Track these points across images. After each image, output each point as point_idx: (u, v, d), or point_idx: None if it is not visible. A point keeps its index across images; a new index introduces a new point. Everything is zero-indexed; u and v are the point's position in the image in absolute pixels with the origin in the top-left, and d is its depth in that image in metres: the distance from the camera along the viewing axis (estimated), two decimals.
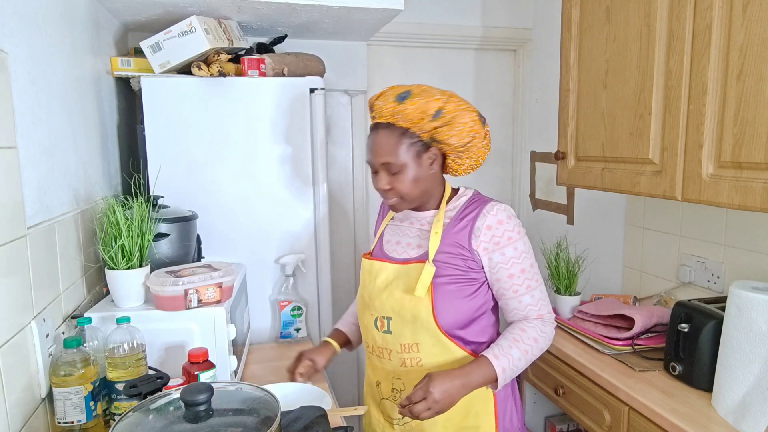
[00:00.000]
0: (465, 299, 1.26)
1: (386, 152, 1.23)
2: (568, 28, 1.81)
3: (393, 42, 2.54)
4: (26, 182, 1.09)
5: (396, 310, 1.27)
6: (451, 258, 1.25)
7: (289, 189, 1.87)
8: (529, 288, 1.26)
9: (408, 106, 1.20)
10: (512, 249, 1.24)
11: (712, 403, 1.31)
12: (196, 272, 1.35)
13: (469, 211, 1.27)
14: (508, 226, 1.24)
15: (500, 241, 1.23)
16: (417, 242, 1.32)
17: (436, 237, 1.27)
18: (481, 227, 1.24)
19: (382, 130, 1.24)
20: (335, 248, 2.47)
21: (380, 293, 1.30)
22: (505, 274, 1.25)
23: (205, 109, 1.77)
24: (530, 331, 1.24)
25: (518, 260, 1.24)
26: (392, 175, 1.24)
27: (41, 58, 1.21)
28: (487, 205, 1.26)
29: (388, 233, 1.40)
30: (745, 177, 1.22)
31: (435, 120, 1.20)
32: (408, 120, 1.21)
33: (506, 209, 1.26)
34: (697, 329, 1.38)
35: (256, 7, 1.75)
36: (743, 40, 1.20)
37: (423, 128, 1.22)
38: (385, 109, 1.22)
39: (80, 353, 1.13)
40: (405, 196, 1.26)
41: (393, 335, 1.29)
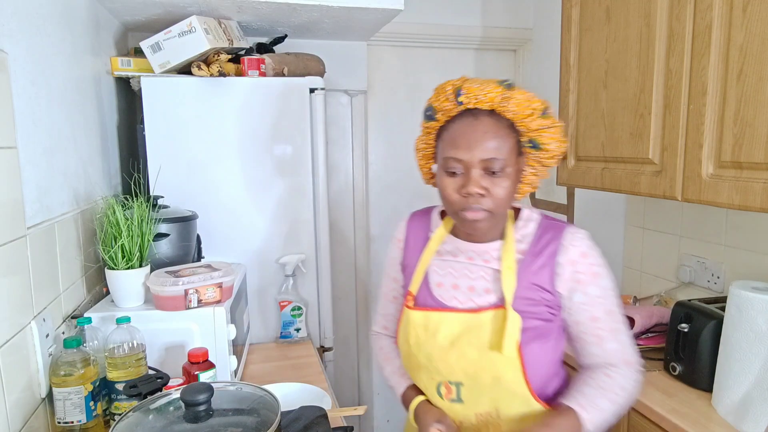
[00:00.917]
0: (550, 349, 1.04)
1: (494, 145, 0.96)
2: (568, 28, 1.81)
3: (393, 42, 2.54)
4: (26, 182, 1.09)
5: (470, 374, 1.02)
6: (532, 304, 1.01)
7: (289, 189, 1.87)
8: (614, 332, 1.04)
9: (517, 94, 0.97)
10: (597, 287, 1.02)
11: (712, 403, 1.30)
12: (196, 272, 1.35)
13: (544, 243, 1.03)
14: (592, 258, 1.03)
15: (583, 279, 1.02)
16: (484, 284, 1.04)
17: (510, 275, 1.01)
18: (564, 263, 1.02)
19: (486, 118, 0.97)
20: (335, 248, 2.47)
21: (445, 353, 1.02)
22: (586, 316, 1.03)
23: (205, 109, 1.77)
24: (617, 377, 1.03)
25: (603, 299, 1.03)
26: (491, 176, 0.97)
27: (41, 58, 1.21)
28: (565, 233, 1.03)
29: (435, 273, 1.09)
30: (745, 177, 1.22)
31: (544, 117, 0.99)
32: (515, 112, 0.98)
33: (586, 237, 1.05)
34: (697, 329, 1.38)
35: (256, 7, 1.75)
36: (743, 40, 1.20)
37: (529, 126, 0.99)
38: (487, 93, 0.97)
39: (80, 353, 1.13)
40: (496, 207, 0.98)
41: (465, 404, 1.04)
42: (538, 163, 1.05)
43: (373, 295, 2.66)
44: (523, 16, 2.64)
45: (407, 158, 2.62)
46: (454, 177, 0.99)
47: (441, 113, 1.02)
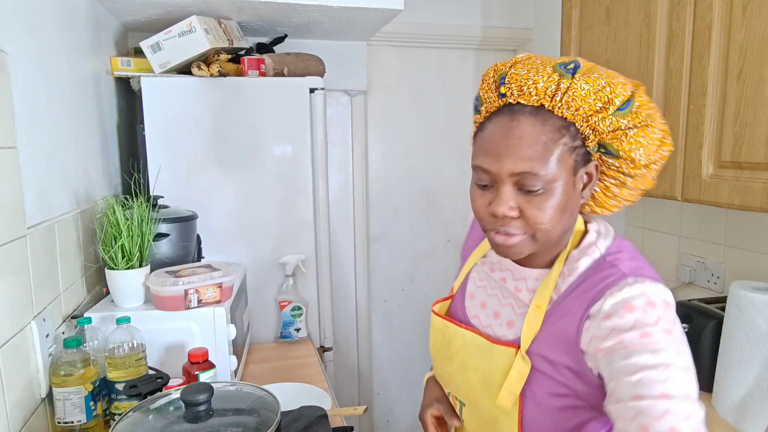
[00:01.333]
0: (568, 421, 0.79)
1: (530, 155, 0.73)
2: (568, 28, 1.81)
3: (393, 42, 2.54)
4: (26, 182, 1.09)
5: (471, 400, 0.88)
6: (550, 359, 0.78)
7: (289, 189, 1.87)
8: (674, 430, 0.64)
9: (579, 84, 0.73)
10: (649, 353, 0.68)
11: (712, 403, 1.31)
12: (196, 272, 1.35)
13: (589, 286, 0.76)
14: (644, 315, 0.71)
15: (625, 338, 0.70)
16: (509, 316, 0.85)
17: (537, 315, 0.79)
18: (596, 315, 0.74)
19: (526, 118, 0.75)
20: (335, 248, 2.47)
21: (453, 369, 0.91)
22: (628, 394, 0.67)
23: (205, 109, 1.77)
24: None
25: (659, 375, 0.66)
26: (526, 194, 0.75)
27: (41, 58, 1.21)
28: (617, 276, 0.74)
29: (473, 282, 0.95)
30: (745, 177, 1.22)
31: (621, 115, 0.74)
32: (575, 107, 0.74)
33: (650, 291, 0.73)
34: (697, 329, 1.38)
35: (256, 7, 1.75)
36: (743, 40, 1.20)
37: (597, 126, 0.75)
38: (535, 81, 0.74)
39: (80, 353, 1.13)
40: (540, 233, 0.76)
41: (465, 425, 0.93)
42: (621, 174, 0.79)
43: (373, 295, 2.66)
44: (523, 16, 2.64)
45: (407, 158, 2.62)
46: (484, 190, 0.79)
47: (485, 105, 0.82)
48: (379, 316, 2.68)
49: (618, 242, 0.82)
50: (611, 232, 0.84)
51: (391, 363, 2.70)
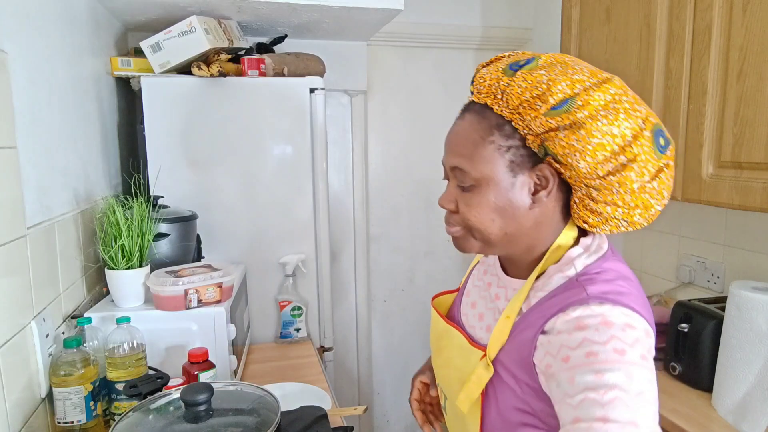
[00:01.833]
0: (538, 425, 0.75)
1: (460, 152, 0.76)
2: (568, 28, 1.81)
3: (393, 42, 2.54)
4: (26, 182, 1.09)
5: (450, 395, 0.86)
6: (513, 366, 0.75)
7: (289, 189, 1.87)
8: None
9: (520, 79, 0.71)
10: (592, 376, 0.62)
11: (712, 403, 1.31)
12: (196, 272, 1.35)
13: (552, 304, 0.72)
14: (596, 334, 0.65)
15: (571, 356, 0.65)
16: (489, 320, 0.84)
17: (506, 324, 0.77)
18: (550, 330, 0.70)
19: (471, 115, 0.77)
20: (335, 248, 2.47)
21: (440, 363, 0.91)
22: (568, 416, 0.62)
23: (205, 109, 1.77)
24: None
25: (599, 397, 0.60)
26: (461, 189, 0.77)
27: (41, 58, 1.21)
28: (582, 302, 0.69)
29: (472, 281, 0.95)
30: (745, 177, 1.22)
31: (554, 113, 0.68)
32: (513, 105, 0.72)
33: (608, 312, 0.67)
34: (697, 329, 1.38)
35: (256, 7, 1.75)
36: (743, 40, 1.20)
37: (532, 125, 0.71)
38: (486, 79, 0.75)
39: (80, 353, 1.13)
40: (475, 230, 0.77)
41: (447, 418, 0.92)
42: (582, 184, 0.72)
43: (373, 295, 2.66)
44: (523, 16, 2.64)
45: (407, 158, 2.62)
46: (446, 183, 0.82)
47: None
48: (378, 316, 2.68)
49: (602, 263, 0.75)
50: (602, 251, 0.77)
51: (391, 363, 2.70)
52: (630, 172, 0.69)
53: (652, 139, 0.70)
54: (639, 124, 0.69)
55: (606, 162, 0.68)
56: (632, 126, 0.68)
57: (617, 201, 0.71)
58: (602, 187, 0.70)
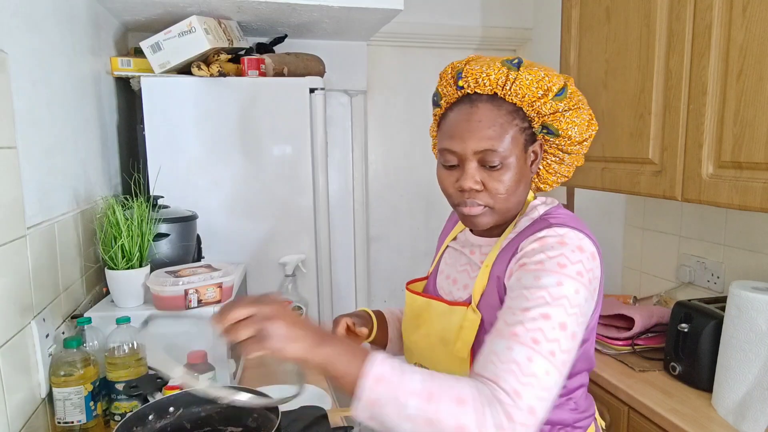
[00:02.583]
0: None
1: (490, 135, 0.85)
2: (568, 28, 1.81)
3: (393, 42, 2.54)
4: (26, 182, 1.09)
5: (432, 362, 0.94)
6: (496, 302, 0.87)
7: (289, 189, 1.87)
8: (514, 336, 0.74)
9: (524, 74, 0.86)
10: (532, 278, 0.79)
11: (712, 403, 1.31)
12: (196, 272, 1.35)
13: (521, 237, 0.87)
14: (551, 251, 0.80)
15: (526, 263, 0.82)
16: (465, 280, 0.97)
17: (485, 272, 0.90)
18: (519, 250, 0.85)
19: (485, 104, 0.87)
20: (335, 248, 2.47)
21: (418, 337, 0.98)
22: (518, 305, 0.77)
23: (205, 109, 1.77)
24: (466, 386, 0.70)
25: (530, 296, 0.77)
26: (488, 170, 0.87)
27: (41, 58, 1.21)
28: (546, 227, 0.85)
29: (445, 260, 1.06)
30: (745, 177, 1.22)
31: (558, 99, 0.87)
32: (522, 95, 0.87)
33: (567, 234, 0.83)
34: (697, 329, 1.38)
35: (256, 7, 1.75)
36: (743, 40, 1.20)
37: (540, 110, 0.88)
38: (488, 75, 0.87)
39: (80, 353, 1.13)
40: (498, 204, 0.89)
41: None
42: (560, 150, 0.93)
43: (373, 295, 2.66)
44: (523, 16, 2.64)
45: (407, 158, 2.62)
46: (451, 170, 0.91)
47: (444, 99, 0.94)
48: None
49: (558, 209, 0.93)
50: (555, 203, 0.96)
51: None
52: (591, 138, 0.94)
53: None
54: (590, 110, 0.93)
55: (586, 131, 0.92)
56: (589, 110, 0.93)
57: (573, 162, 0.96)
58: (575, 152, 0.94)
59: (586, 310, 0.80)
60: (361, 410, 0.69)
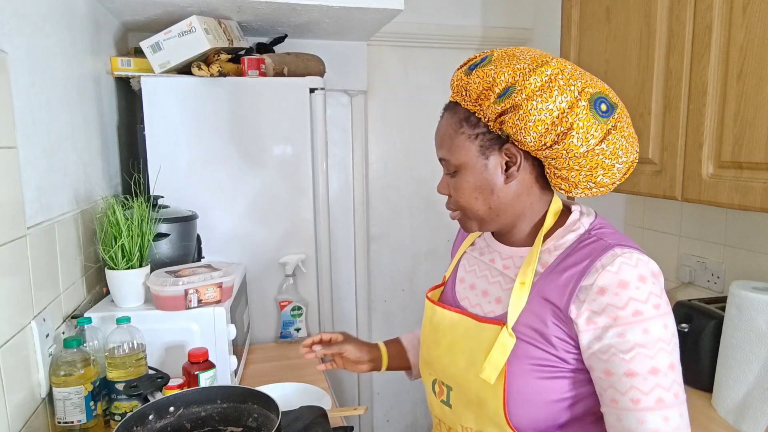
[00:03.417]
0: (553, 396, 0.81)
1: (440, 144, 0.89)
2: (568, 28, 1.81)
3: (393, 42, 2.54)
4: (26, 182, 1.09)
5: (459, 383, 0.89)
6: (537, 330, 0.81)
7: (289, 189, 1.87)
8: (661, 403, 0.74)
9: (474, 76, 0.82)
10: (641, 331, 0.75)
11: (712, 403, 1.31)
12: (196, 272, 1.35)
13: (576, 260, 0.81)
14: (637, 292, 0.75)
15: (620, 316, 0.75)
16: (497, 293, 0.90)
17: (523, 291, 0.83)
18: (589, 288, 0.77)
19: (445, 114, 0.90)
20: (335, 248, 2.47)
21: (442, 352, 0.93)
22: (621, 369, 0.75)
23: (205, 109, 1.77)
24: None
25: (649, 352, 0.74)
26: (449, 176, 0.90)
27: (41, 58, 1.21)
28: (607, 252, 0.78)
29: (463, 268, 1.01)
30: (745, 177, 1.22)
31: (500, 100, 0.80)
32: (472, 98, 0.84)
33: (640, 264, 0.77)
34: (697, 329, 1.38)
35: (256, 7, 1.75)
36: (743, 40, 1.20)
37: (487, 112, 0.82)
38: (454, 81, 0.87)
39: (80, 353, 1.14)
40: (467, 210, 0.88)
41: (453, 411, 0.92)
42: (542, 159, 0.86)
43: (374, 295, 2.66)
44: (523, 16, 2.64)
45: (407, 158, 2.62)
46: None
47: None
48: (379, 316, 2.68)
49: (600, 219, 0.89)
50: (592, 212, 0.91)
51: None
52: (571, 139, 0.79)
53: (590, 107, 0.78)
54: (574, 96, 0.78)
55: (547, 134, 0.79)
56: (567, 99, 0.78)
57: (573, 166, 0.82)
58: (556, 155, 0.81)
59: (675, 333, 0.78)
60: None
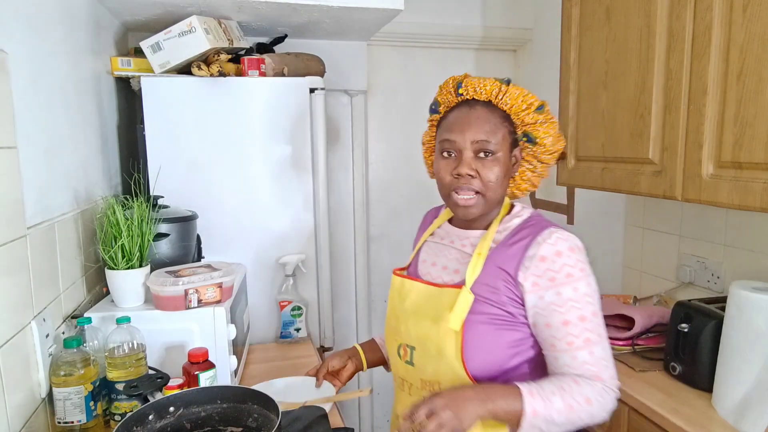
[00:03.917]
0: (503, 344, 1.04)
1: (486, 129, 1.04)
2: (568, 28, 1.81)
3: (393, 42, 2.54)
4: (26, 182, 1.09)
5: (421, 340, 1.08)
6: (491, 292, 1.03)
7: (289, 189, 1.87)
8: (588, 342, 0.99)
9: (513, 89, 1.05)
10: (571, 289, 0.99)
11: (712, 403, 1.31)
12: (196, 272, 1.35)
13: (522, 236, 1.05)
14: (568, 259, 1.00)
15: (556, 278, 0.99)
16: (455, 266, 1.12)
17: (479, 260, 1.05)
18: (533, 257, 1.01)
19: (481, 107, 1.06)
20: (335, 248, 2.47)
21: (407, 317, 1.12)
22: (558, 320, 1.00)
23: (205, 109, 1.77)
24: (585, 387, 0.98)
25: (578, 304, 0.99)
26: (481, 159, 1.04)
27: (41, 58, 1.21)
28: (544, 231, 1.03)
29: (425, 251, 1.21)
30: (745, 177, 1.22)
31: (539, 113, 1.06)
32: (510, 105, 1.06)
33: (569, 239, 1.02)
34: (697, 329, 1.38)
35: (256, 7, 1.75)
36: (743, 40, 1.20)
37: (523, 119, 1.07)
38: (484, 86, 1.05)
39: (80, 353, 1.14)
40: (488, 191, 1.05)
41: (415, 368, 1.11)
42: (535, 158, 1.11)
43: (373, 295, 2.66)
44: (523, 16, 2.64)
45: (407, 158, 2.62)
46: (448, 159, 1.07)
47: (443, 105, 1.12)
48: (379, 316, 2.68)
49: (535, 211, 1.13)
50: (529, 207, 1.15)
51: None
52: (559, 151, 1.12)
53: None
54: None
55: (556, 143, 1.10)
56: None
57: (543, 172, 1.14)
58: (546, 161, 1.12)
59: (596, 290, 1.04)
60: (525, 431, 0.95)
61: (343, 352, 1.35)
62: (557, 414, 0.95)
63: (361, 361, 1.33)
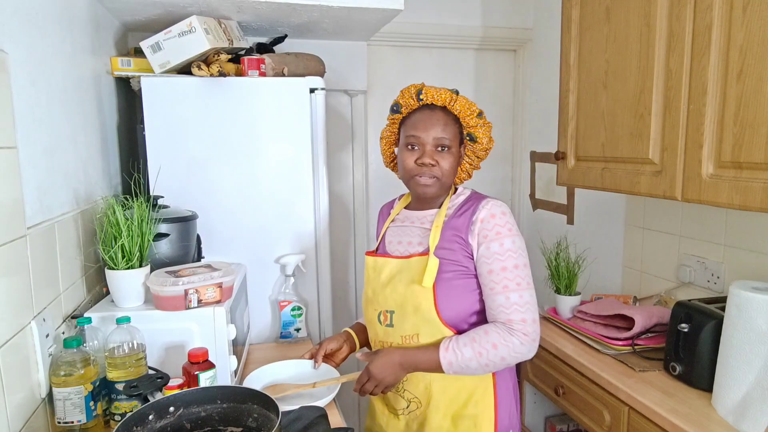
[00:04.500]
0: (466, 292, 1.30)
1: (443, 129, 1.30)
2: (568, 28, 1.81)
3: (393, 42, 2.54)
4: (26, 182, 1.09)
5: (399, 303, 1.32)
6: (450, 253, 1.29)
7: (289, 189, 1.87)
8: (506, 288, 1.24)
9: (462, 98, 1.33)
10: (498, 244, 1.25)
11: (712, 403, 1.31)
12: (196, 272, 1.35)
13: (467, 207, 1.32)
14: (499, 221, 1.27)
15: (488, 235, 1.26)
16: (418, 240, 1.36)
17: (437, 230, 1.32)
18: (476, 221, 1.28)
19: (439, 111, 1.32)
20: (335, 248, 2.47)
21: (384, 288, 1.36)
22: (485, 269, 1.26)
23: (205, 109, 1.77)
24: (492, 335, 1.22)
25: (502, 257, 1.25)
26: (440, 152, 1.31)
27: (41, 58, 1.21)
28: (483, 200, 1.32)
29: (389, 235, 1.45)
30: (745, 177, 1.22)
31: (479, 118, 1.34)
32: (459, 111, 1.33)
33: (501, 206, 1.31)
34: (697, 329, 1.38)
35: (256, 7, 1.75)
36: (743, 40, 1.20)
37: (468, 122, 1.34)
38: (441, 94, 1.32)
39: (80, 353, 1.14)
40: (442, 176, 1.31)
41: (395, 328, 1.33)
42: (473, 154, 1.40)
43: None
44: (523, 16, 2.64)
45: None
46: (413, 151, 1.32)
47: (405, 107, 1.37)
48: None
49: (473, 191, 1.40)
50: (469, 189, 1.41)
51: None
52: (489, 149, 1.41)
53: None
54: None
55: (489, 143, 1.39)
56: None
57: (476, 166, 1.43)
58: (484, 156, 1.41)
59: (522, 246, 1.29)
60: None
61: (337, 336, 1.52)
62: (469, 361, 1.22)
63: (355, 343, 1.51)
